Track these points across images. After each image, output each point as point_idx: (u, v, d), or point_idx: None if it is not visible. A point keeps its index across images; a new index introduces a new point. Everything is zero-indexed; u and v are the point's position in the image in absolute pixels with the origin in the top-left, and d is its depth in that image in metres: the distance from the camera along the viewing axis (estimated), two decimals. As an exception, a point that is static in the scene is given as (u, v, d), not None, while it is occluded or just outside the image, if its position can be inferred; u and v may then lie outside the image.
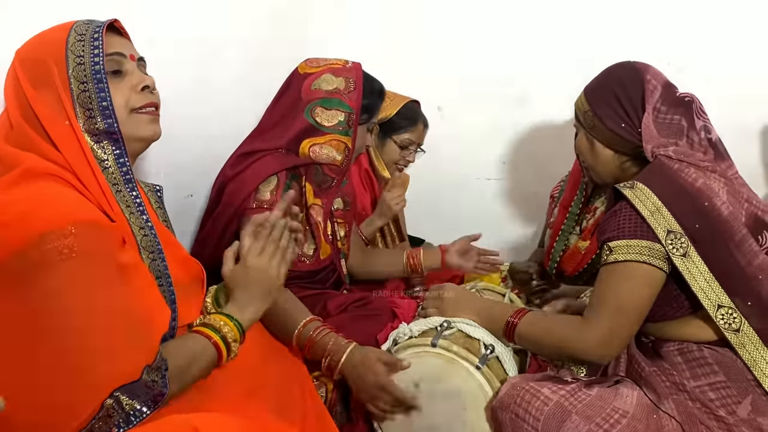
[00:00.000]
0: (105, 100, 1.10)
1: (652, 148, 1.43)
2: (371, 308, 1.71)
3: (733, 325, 1.33)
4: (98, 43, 1.11)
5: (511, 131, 2.62)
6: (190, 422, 0.95)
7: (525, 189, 2.66)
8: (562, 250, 2.16)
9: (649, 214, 1.34)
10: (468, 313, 1.55)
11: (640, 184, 1.38)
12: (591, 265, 2.08)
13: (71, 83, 1.09)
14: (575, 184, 2.23)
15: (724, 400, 1.33)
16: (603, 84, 1.54)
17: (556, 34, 2.50)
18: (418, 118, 2.31)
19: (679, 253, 1.32)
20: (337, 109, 1.69)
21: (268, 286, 1.23)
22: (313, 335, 1.47)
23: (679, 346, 1.41)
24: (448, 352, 1.46)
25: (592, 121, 1.52)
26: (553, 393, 1.34)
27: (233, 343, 1.17)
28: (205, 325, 1.17)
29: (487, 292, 1.82)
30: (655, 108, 1.46)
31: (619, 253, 1.35)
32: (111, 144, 1.13)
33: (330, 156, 1.71)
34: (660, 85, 1.48)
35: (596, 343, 1.36)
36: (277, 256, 1.24)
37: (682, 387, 1.36)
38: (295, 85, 1.73)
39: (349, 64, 1.75)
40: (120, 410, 0.95)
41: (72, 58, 1.10)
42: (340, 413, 1.60)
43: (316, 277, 1.76)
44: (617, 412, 1.30)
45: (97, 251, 0.99)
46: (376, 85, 1.79)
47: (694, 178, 1.38)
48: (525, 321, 1.47)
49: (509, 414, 1.35)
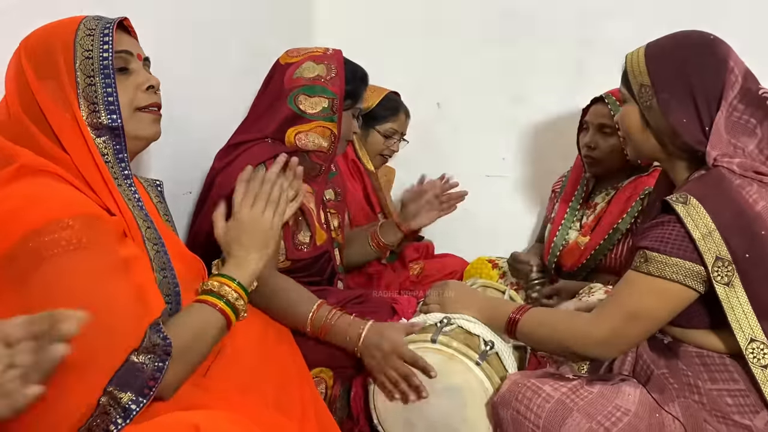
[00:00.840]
0: (111, 96, 1.11)
1: (716, 156, 1.27)
2: (370, 305, 1.71)
3: (762, 360, 1.24)
4: (108, 39, 1.12)
5: (510, 127, 2.62)
6: (190, 420, 0.94)
7: (524, 185, 2.66)
8: (562, 245, 2.17)
9: (701, 236, 1.22)
10: (469, 309, 1.55)
11: (694, 201, 1.24)
12: (590, 260, 2.08)
13: (77, 76, 1.09)
14: (576, 180, 2.23)
15: (741, 407, 1.28)
16: (676, 59, 1.30)
17: (552, 26, 2.50)
18: (400, 108, 2.37)
19: (723, 282, 1.22)
20: (320, 95, 1.68)
21: (264, 237, 1.24)
22: (330, 318, 1.50)
23: (699, 351, 1.35)
24: (448, 349, 1.46)
25: (650, 100, 1.31)
26: (555, 390, 1.33)
27: (238, 303, 1.16)
28: (206, 292, 1.16)
29: (488, 290, 1.82)
30: (731, 105, 1.28)
31: (654, 267, 1.26)
32: (112, 139, 1.13)
33: (316, 143, 1.70)
34: (741, 76, 1.28)
35: (600, 341, 1.33)
36: (269, 208, 1.25)
37: (696, 389, 1.32)
38: (278, 75, 1.72)
39: (329, 50, 1.75)
40: (116, 405, 0.94)
41: (80, 51, 1.10)
42: (340, 409, 1.61)
43: (314, 268, 1.75)
44: (619, 410, 1.29)
45: (95, 244, 0.99)
46: (358, 70, 1.78)
47: (755, 200, 1.24)
48: (527, 316, 1.46)
49: (510, 411, 1.34)
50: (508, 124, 2.62)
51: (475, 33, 2.58)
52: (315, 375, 1.56)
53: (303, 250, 1.71)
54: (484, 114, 2.63)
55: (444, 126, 2.68)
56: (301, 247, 1.71)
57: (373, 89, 2.31)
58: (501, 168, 2.68)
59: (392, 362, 1.45)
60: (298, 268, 1.70)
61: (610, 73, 2.15)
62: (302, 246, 1.71)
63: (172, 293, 1.13)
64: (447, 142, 2.66)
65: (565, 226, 2.18)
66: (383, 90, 2.35)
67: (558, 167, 2.43)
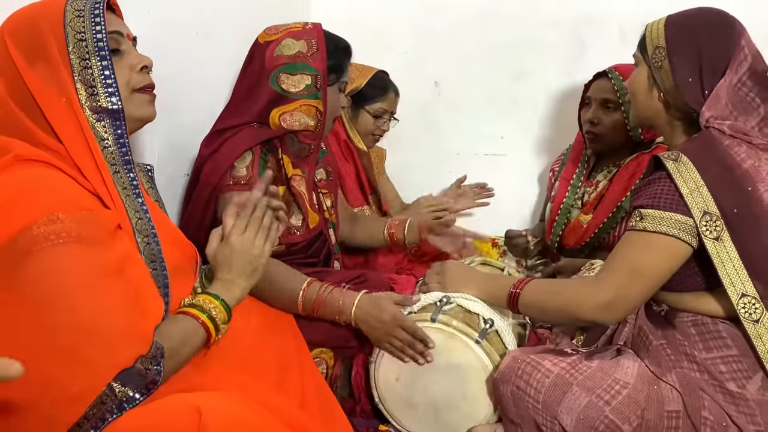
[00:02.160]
0: (109, 78, 1.09)
1: (710, 117, 1.33)
2: (369, 285, 1.70)
3: (753, 315, 1.29)
4: (100, 19, 1.09)
5: (509, 106, 2.60)
6: (192, 401, 0.95)
7: (523, 164, 2.65)
8: (564, 223, 2.16)
9: (689, 191, 1.28)
10: (468, 287, 1.55)
11: (684, 158, 1.30)
12: (593, 238, 2.08)
13: (71, 59, 1.07)
14: (576, 158, 2.22)
15: (735, 373, 1.31)
16: (692, 27, 1.37)
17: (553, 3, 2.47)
18: (389, 87, 2.34)
19: (712, 236, 1.27)
20: (302, 73, 1.64)
21: (253, 264, 1.23)
22: (322, 293, 1.50)
23: (694, 318, 1.38)
24: (448, 327, 1.47)
25: (661, 61, 1.37)
26: (554, 365, 1.34)
27: (221, 324, 1.16)
28: (193, 305, 1.15)
29: (486, 267, 1.82)
30: (740, 80, 1.34)
31: (650, 223, 1.30)
32: (113, 123, 1.11)
33: (302, 122, 1.66)
34: (751, 55, 1.35)
35: (604, 304, 1.33)
36: (261, 234, 1.24)
37: (691, 358, 1.34)
38: (258, 55, 1.68)
39: (308, 25, 1.70)
40: (113, 397, 0.94)
41: (72, 34, 1.07)
42: (341, 388, 1.62)
43: (310, 250, 1.75)
44: (618, 383, 1.30)
45: (86, 238, 0.97)
46: (340, 43, 1.73)
47: (743, 158, 1.30)
48: (528, 288, 1.46)
49: (510, 386, 1.35)
50: (507, 103, 2.61)
51: (473, 10, 2.55)
52: (315, 356, 1.56)
53: (296, 234, 1.70)
54: (483, 92, 2.61)
55: (442, 105, 2.66)
56: (294, 231, 1.70)
57: (361, 69, 2.28)
58: (500, 147, 2.66)
59: (395, 332, 1.47)
60: (294, 251, 1.69)
61: (611, 50, 2.16)
62: (295, 230, 1.70)
63: (161, 285, 1.12)
64: (445, 121, 2.64)
65: (567, 204, 2.17)
66: (371, 69, 2.32)
67: (558, 145, 2.41)
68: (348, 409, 1.60)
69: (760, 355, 1.29)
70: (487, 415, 1.47)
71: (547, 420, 1.32)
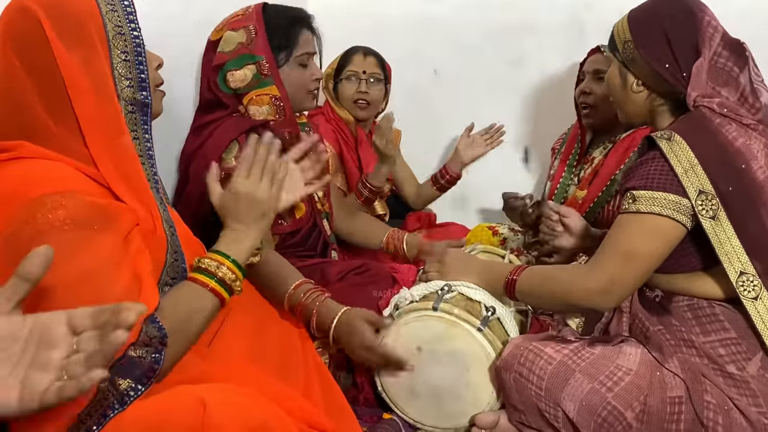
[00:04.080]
0: (143, 73, 1.10)
1: (696, 97, 1.33)
2: (371, 275, 1.70)
3: (752, 292, 1.28)
4: (133, 17, 1.10)
5: (509, 91, 2.59)
6: (197, 394, 0.94)
7: (524, 150, 2.65)
8: (561, 201, 2.17)
9: (683, 171, 1.26)
10: (469, 275, 1.55)
11: (677, 137, 1.29)
12: (589, 213, 2.08)
13: (111, 49, 1.07)
14: (574, 138, 2.23)
15: (734, 356, 1.31)
16: (651, 15, 1.39)
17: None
18: (353, 51, 2.34)
19: (708, 216, 1.26)
20: (247, 64, 1.59)
21: (260, 209, 1.17)
22: (304, 299, 1.44)
23: (689, 302, 1.37)
24: (449, 316, 1.47)
25: (632, 53, 1.39)
26: (557, 352, 1.34)
27: (232, 283, 1.12)
28: (200, 269, 1.10)
29: (487, 255, 1.82)
30: (715, 52, 1.34)
31: (643, 204, 1.28)
32: (142, 116, 1.12)
33: (261, 112, 1.61)
34: (720, 27, 1.36)
35: (599, 288, 1.32)
36: (266, 176, 1.18)
37: (690, 343, 1.34)
38: (208, 55, 1.65)
39: (249, 9, 1.64)
40: (115, 391, 0.93)
41: (111, 26, 1.07)
42: (344, 377, 1.62)
43: (308, 243, 1.73)
44: (620, 370, 1.30)
45: (92, 224, 0.97)
46: (287, 14, 1.64)
47: (735, 137, 1.30)
48: (524, 275, 1.46)
49: (513, 374, 1.36)
50: (507, 89, 2.60)
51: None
52: (318, 346, 1.56)
53: (282, 225, 1.67)
54: (483, 79, 2.60)
55: (442, 92, 2.66)
56: (282, 222, 1.67)
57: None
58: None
59: (366, 356, 1.44)
60: (290, 244, 1.67)
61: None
62: (283, 221, 1.67)
63: (179, 277, 1.11)
64: (445, 108, 2.64)
65: (564, 183, 2.18)
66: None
67: (558, 130, 2.41)
68: (351, 398, 1.59)
69: (761, 333, 1.28)
70: (491, 402, 1.48)
71: (549, 407, 1.32)
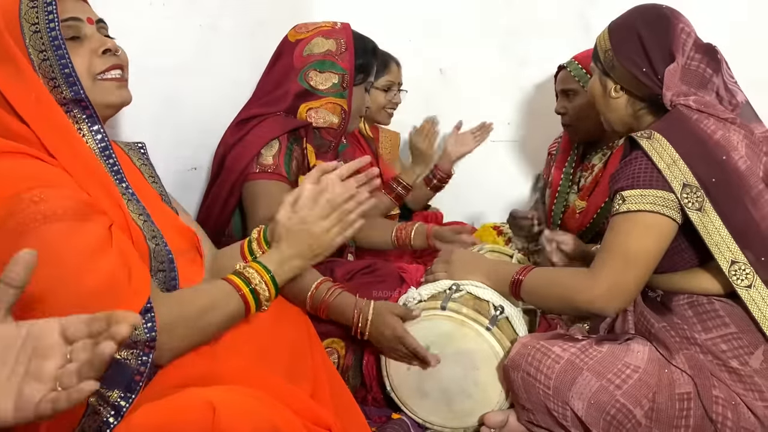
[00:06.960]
0: (67, 68, 1.05)
1: (672, 96, 1.37)
2: (379, 274, 1.71)
3: (745, 281, 1.30)
4: (52, 8, 1.05)
5: (515, 91, 2.59)
6: (205, 397, 0.93)
7: (530, 149, 2.64)
8: (562, 210, 2.16)
9: (666, 166, 1.30)
10: (476, 274, 1.55)
11: (657, 135, 1.33)
12: (593, 223, 2.07)
13: (30, 53, 1.04)
14: (567, 145, 2.21)
15: (736, 351, 1.32)
16: (628, 23, 1.45)
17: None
18: (389, 59, 2.36)
19: (695, 208, 1.29)
20: (330, 71, 1.69)
21: (318, 250, 1.17)
22: (327, 297, 1.47)
23: (689, 300, 1.39)
24: (458, 315, 1.47)
25: (612, 61, 1.45)
26: (564, 351, 1.34)
27: (264, 301, 1.12)
28: (240, 274, 1.12)
29: (495, 254, 1.82)
30: (689, 56, 1.39)
31: (632, 203, 1.31)
32: (81, 112, 1.09)
33: (327, 119, 1.71)
34: (693, 33, 1.42)
35: (602, 294, 1.33)
36: (339, 226, 1.17)
37: (693, 341, 1.35)
38: (287, 52, 1.72)
39: (338, 25, 1.74)
40: (105, 404, 0.92)
41: (27, 27, 1.04)
42: (353, 377, 1.62)
43: None
44: (628, 368, 1.30)
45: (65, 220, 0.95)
46: (368, 44, 1.78)
47: (713, 130, 1.34)
48: (530, 276, 1.46)
49: (521, 373, 1.36)
50: (513, 88, 2.60)
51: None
52: (327, 346, 1.56)
53: None
54: (489, 79, 2.60)
55: (447, 92, 2.66)
56: None
57: None
58: (507, 133, 2.65)
59: (397, 346, 1.47)
60: None
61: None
62: None
63: (165, 260, 1.10)
64: (451, 108, 2.63)
65: (562, 191, 2.17)
66: None
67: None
68: (360, 398, 1.61)
69: (758, 322, 1.30)
70: (500, 401, 1.48)
71: (558, 405, 1.32)
